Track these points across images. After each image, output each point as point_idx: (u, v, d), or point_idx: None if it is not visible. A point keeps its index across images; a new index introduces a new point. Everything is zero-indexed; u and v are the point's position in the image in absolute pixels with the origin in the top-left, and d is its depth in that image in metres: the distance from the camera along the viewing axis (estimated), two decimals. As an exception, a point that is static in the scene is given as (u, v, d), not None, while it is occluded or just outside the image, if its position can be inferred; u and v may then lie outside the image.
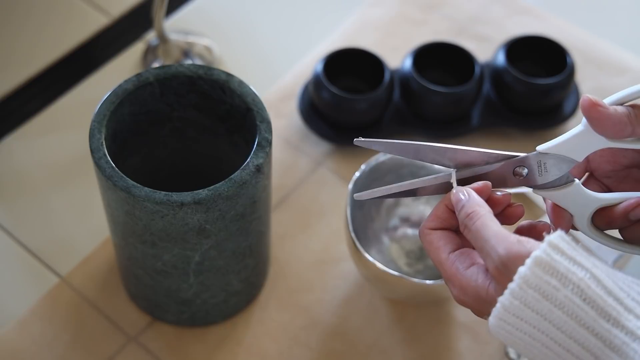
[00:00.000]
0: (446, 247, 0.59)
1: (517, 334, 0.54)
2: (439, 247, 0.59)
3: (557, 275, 0.52)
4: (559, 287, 0.52)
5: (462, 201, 0.59)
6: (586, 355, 0.52)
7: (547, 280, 0.52)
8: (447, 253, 0.59)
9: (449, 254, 0.59)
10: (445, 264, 0.58)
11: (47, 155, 0.95)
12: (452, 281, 0.58)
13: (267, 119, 0.73)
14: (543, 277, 0.52)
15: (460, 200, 0.59)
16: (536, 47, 0.98)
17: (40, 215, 0.91)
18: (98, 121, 0.72)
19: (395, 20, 1.08)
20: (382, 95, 0.93)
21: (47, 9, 1.07)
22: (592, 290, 0.52)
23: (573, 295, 0.52)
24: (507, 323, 0.54)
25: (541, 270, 0.52)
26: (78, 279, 0.86)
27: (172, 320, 0.83)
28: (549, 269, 0.52)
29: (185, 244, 0.72)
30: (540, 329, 0.53)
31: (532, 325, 0.53)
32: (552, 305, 0.52)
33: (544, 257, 0.53)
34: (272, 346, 0.83)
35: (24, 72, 1.01)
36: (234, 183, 0.69)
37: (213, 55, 1.03)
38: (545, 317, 0.53)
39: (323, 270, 0.88)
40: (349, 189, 0.82)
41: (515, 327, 0.54)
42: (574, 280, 0.52)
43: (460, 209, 0.58)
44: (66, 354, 0.82)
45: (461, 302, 0.58)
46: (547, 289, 0.52)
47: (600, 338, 0.52)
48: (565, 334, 0.53)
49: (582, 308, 0.52)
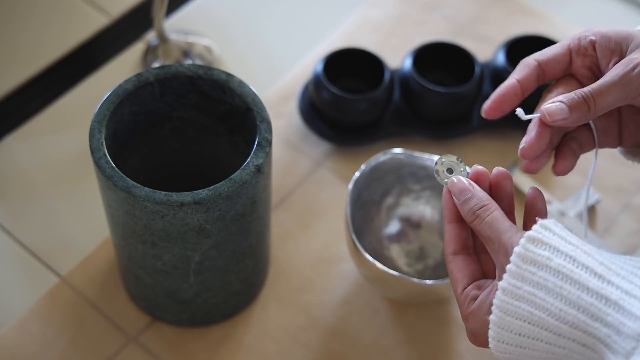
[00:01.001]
0: (463, 280, 0.61)
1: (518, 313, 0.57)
2: (457, 279, 0.61)
3: (549, 249, 0.56)
4: (552, 257, 0.56)
5: (469, 192, 0.61)
6: (582, 317, 0.55)
7: (539, 253, 0.56)
8: (462, 288, 0.61)
9: (464, 289, 0.61)
10: (459, 298, 0.61)
11: (47, 155, 0.95)
12: (466, 320, 0.61)
13: (267, 119, 0.73)
14: (536, 250, 0.56)
15: (467, 191, 0.61)
16: (536, 47, 0.97)
17: (40, 215, 0.91)
18: (98, 121, 0.72)
19: (395, 20, 1.08)
20: (382, 95, 0.93)
21: (47, 9, 1.07)
22: (584, 258, 0.56)
23: (565, 262, 0.56)
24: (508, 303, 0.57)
25: (533, 245, 0.56)
26: (78, 279, 0.86)
27: (172, 320, 0.83)
28: (541, 244, 0.56)
29: (185, 244, 0.72)
30: (537, 301, 0.56)
31: (530, 299, 0.56)
32: (547, 274, 0.56)
33: (536, 235, 0.57)
34: (272, 346, 0.83)
35: (24, 72, 1.01)
36: (234, 183, 0.69)
37: (213, 55, 1.03)
38: (540, 286, 0.56)
39: (323, 270, 0.88)
40: (349, 189, 0.82)
41: (515, 306, 0.56)
42: (565, 252, 0.56)
43: (468, 199, 0.61)
44: (66, 354, 0.82)
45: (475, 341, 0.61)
46: (541, 260, 0.56)
47: (594, 294, 0.55)
48: (562, 300, 0.55)
49: (574, 272, 0.56)
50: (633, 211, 0.93)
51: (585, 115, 0.61)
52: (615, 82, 0.61)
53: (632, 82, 0.61)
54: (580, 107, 0.61)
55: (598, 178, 0.94)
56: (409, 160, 0.85)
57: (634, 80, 0.61)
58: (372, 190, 0.86)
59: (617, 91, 0.61)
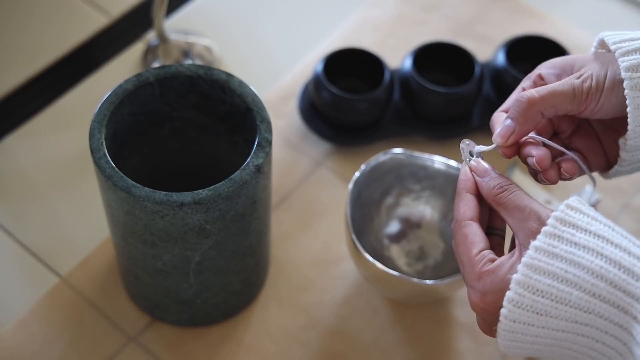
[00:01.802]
0: (479, 244, 0.61)
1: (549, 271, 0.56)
2: (473, 242, 0.61)
3: (588, 217, 0.57)
4: (592, 223, 0.57)
5: (494, 173, 0.63)
6: (624, 276, 0.55)
7: (579, 218, 0.57)
8: (479, 250, 0.60)
9: (480, 251, 0.60)
10: (472, 259, 0.60)
11: (47, 155, 0.95)
12: (479, 279, 0.59)
13: (267, 119, 0.73)
14: (575, 215, 0.57)
15: (489, 170, 0.63)
16: (536, 47, 0.98)
17: (40, 215, 0.91)
18: (98, 121, 0.72)
19: (395, 20, 1.08)
20: (382, 95, 0.93)
21: (47, 9, 1.07)
22: (620, 230, 0.57)
23: (606, 228, 0.57)
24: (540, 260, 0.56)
25: (572, 212, 0.57)
26: (78, 279, 0.86)
27: (172, 320, 0.83)
28: (579, 212, 0.57)
29: (185, 244, 0.72)
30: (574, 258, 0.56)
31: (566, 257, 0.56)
32: (588, 236, 0.56)
33: (575, 204, 0.58)
34: (272, 346, 0.83)
35: (24, 72, 1.01)
36: (234, 183, 0.69)
37: (213, 55, 1.03)
38: (580, 246, 0.56)
39: (323, 270, 0.88)
40: (349, 189, 0.82)
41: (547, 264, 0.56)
42: (604, 222, 0.57)
43: (494, 177, 0.63)
44: (66, 354, 0.82)
45: (480, 302, 0.59)
46: (581, 224, 0.57)
47: (636, 257, 0.55)
48: (602, 258, 0.55)
49: (615, 236, 0.56)
50: (633, 211, 0.93)
51: (534, 116, 0.63)
52: (558, 83, 0.64)
53: (574, 83, 0.63)
54: (524, 110, 0.63)
55: (598, 178, 0.94)
56: (409, 160, 0.85)
57: (577, 84, 0.63)
58: (372, 190, 0.86)
59: (560, 88, 0.63)
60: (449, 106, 0.94)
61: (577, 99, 0.63)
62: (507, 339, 0.58)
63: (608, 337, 0.55)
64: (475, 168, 0.64)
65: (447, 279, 0.78)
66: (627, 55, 0.64)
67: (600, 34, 0.67)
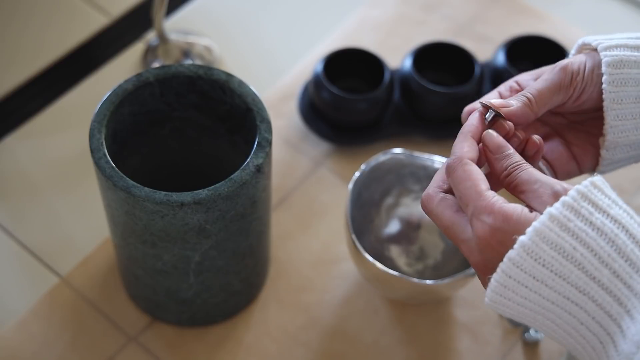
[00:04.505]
0: (485, 182, 0.59)
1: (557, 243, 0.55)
2: (479, 179, 0.59)
3: (610, 199, 0.56)
4: (612, 206, 0.56)
5: (506, 148, 0.61)
6: (628, 269, 0.55)
7: (601, 198, 0.56)
8: (486, 187, 0.59)
9: (488, 189, 0.59)
10: (483, 193, 0.58)
11: (47, 155, 0.95)
12: (490, 213, 0.57)
13: (267, 119, 0.73)
14: (598, 194, 0.56)
15: (505, 146, 0.61)
16: (536, 47, 0.98)
17: (40, 215, 0.91)
18: (98, 121, 0.72)
19: (395, 20, 1.08)
20: (382, 95, 0.93)
21: (47, 9, 1.07)
22: (629, 222, 0.56)
23: (625, 214, 0.56)
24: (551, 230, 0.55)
25: (596, 190, 0.56)
26: (78, 279, 0.86)
27: (172, 320, 0.83)
28: (602, 193, 0.56)
29: (185, 244, 0.72)
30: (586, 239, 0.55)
31: (578, 235, 0.55)
32: (606, 219, 0.55)
33: (599, 183, 0.56)
34: (272, 346, 0.83)
35: (24, 72, 1.01)
36: (234, 183, 0.69)
37: (213, 55, 1.03)
38: (595, 227, 0.55)
39: (323, 270, 0.88)
40: (349, 189, 0.82)
41: (557, 235, 0.55)
42: (624, 207, 0.56)
43: (507, 154, 0.61)
44: (66, 354, 0.82)
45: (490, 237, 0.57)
46: (602, 204, 0.55)
47: (632, 263, 0.55)
48: (613, 247, 0.55)
49: (633, 226, 0.55)
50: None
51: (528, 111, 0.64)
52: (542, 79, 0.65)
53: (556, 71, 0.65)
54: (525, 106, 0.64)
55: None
56: (409, 160, 0.85)
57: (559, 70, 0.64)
58: (372, 190, 0.86)
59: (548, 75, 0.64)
60: (449, 106, 0.94)
61: (563, 86, 0.64)
62: (497, 292, 0.57)
63: (593, 323, 0.55)
64: (489, 142, 0.62)
65: (447, 279, 0.78)
66: (609, 50, 0.64)
67: (580, 39, 0.68)
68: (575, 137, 0.69)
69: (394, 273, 0.78)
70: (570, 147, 0.68)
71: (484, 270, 0.58)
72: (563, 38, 1.04)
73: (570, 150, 0.68)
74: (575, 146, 0.68)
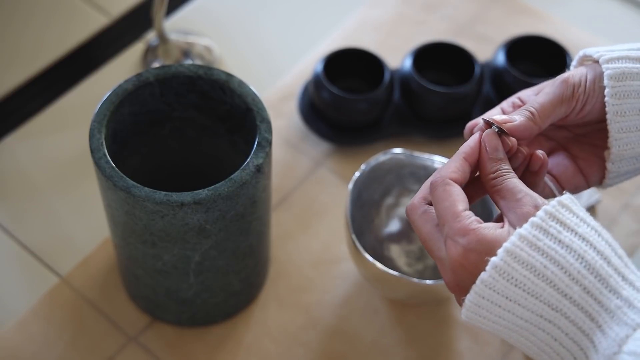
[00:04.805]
0: (463, 202, 0.60)
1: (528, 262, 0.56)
2: (457, 200, 0.59)
3: (578, 218, 0.57)
4: (580, 224, 0.57)
5: (501, 152, 0.62)
6: (599, 285, 0.55)
7: (569, 217, 0.57)
8: (465, 208, 0.59)
9: (465, 209, 0.59)
10: (459, 214, 0.59)
11: (47, 155, 0.95)
12: (465, 235, 0.58)
13: (267, 119, 0.73)
14: (566, 213, 0.57)
15: (502, 152, 0.62)
16: (536, 47, 0.98)
17: (40, 215, 0.91)
18: (98, 121, 0.72)
19: (395, 20, 1.08)
20: (382, 95, 0.93)
21: (47, 9, 1.07)
22: (607, 237, 0.57)
23: (592, 232, 0.57)
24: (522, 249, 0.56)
25: (564, 210, 0.57)
26: (78, 279, 0.86)
27: (172, 320, 0.83)
28: (570, 212, 0.57)
29: (185, 244, 0.72)
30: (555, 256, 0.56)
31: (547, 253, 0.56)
32: (574, 237, 0.56)
33: (567, 202, 0.57)
34: (272, 346, 0.83)
35: (24, 72, 1.01)
36: (234, 183, 0.69)
37: (213, 55, 1.03)
38: (563, 244, 0.56)
39: (323, 270, 0.88)
40: (349, 189, 0.82)
41: (528, 254, 0.56)
42: (592, 225, 0.57)
43: (501, 159, 0.61)
44: (66, 354, 0.82)
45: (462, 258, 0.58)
46: (570, 223, 0.56)
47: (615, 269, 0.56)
48: (582, 263, 0.55)
49: (600, 243, 0.56)
50: (633, 211, 0.93)
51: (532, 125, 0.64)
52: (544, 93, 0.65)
53: (557, 84, 0.64)
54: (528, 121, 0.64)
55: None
56: (409, 160, 0.85)
57: (560, 82, 0.64)
58: (372, 190, 0.86)
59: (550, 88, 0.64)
60: (449, 106, 0.94)
61: (565, 98, 0.64)
62: (472, 310, 0.58)
63: (567, 339, 0.56)
64: (489, 141, 0.62)
65: (447, 279, 0.78)
66: (611, 62, 0.65)
67: (580, 51, 0.68)
68: (580, 149, 0.69)
69: (394, 273, 0.78)
70: (576, 160, 0.69)
71: (455, 290, 0.59)
72: (563, 38, 1.05)
73: (576, 164, 0.68)
74: (581, 159, 0.68)
